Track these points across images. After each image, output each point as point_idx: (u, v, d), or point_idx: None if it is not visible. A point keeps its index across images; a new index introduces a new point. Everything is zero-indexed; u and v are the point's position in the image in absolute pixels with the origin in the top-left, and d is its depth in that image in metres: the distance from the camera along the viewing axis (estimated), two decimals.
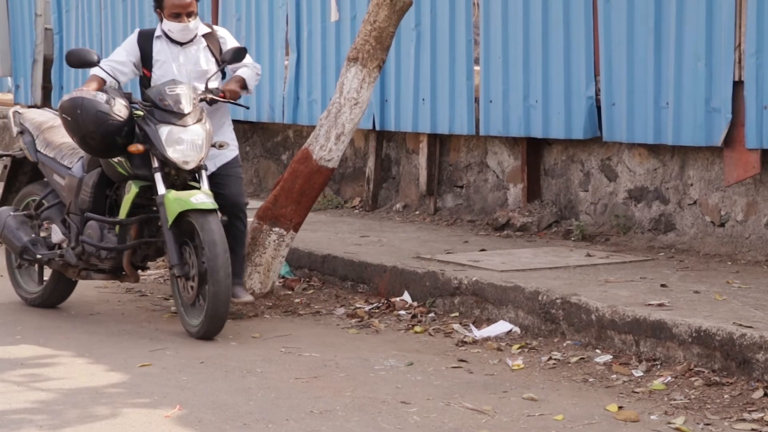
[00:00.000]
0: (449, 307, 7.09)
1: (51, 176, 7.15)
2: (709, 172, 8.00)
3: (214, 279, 6.31)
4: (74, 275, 7.07)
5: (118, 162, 6.72)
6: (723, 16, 7.60)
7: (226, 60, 6.96)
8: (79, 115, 6.54)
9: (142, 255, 6.90)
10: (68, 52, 6.89)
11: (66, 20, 13.79)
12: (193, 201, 6.44)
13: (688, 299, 6.38)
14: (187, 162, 6.59)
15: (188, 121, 6.62)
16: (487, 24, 9.13)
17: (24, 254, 7.15)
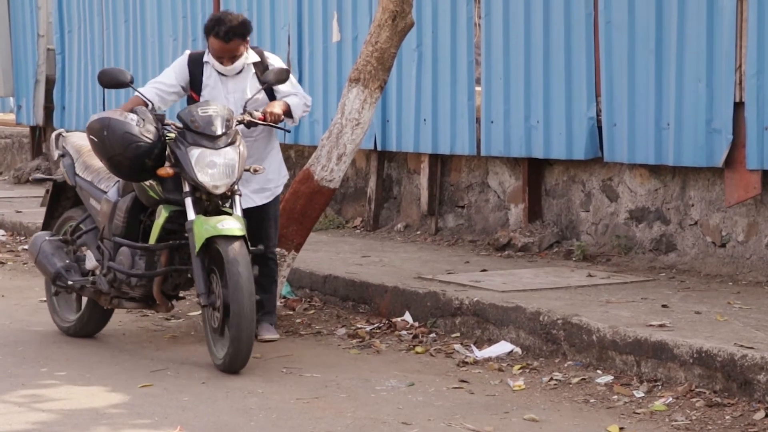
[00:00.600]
0: (450, 328, 7.09)
1: (88, 200, 6.95)
2: (710, 193, 8.01)
3: (238, 310, 6.03)
4: (106, 303, 6.81)
5: (149, 186, 6.47)
6: (724, 37, 7.62)
7: (268, 81, 6.71)
8: (106, 136, 6.32)
9: (173, 283, 6.61)
10: (101, 72, 6.69)
11: (68, 41, 13.84)
12: (220, 227, 6.16)
13: (689, 320, 6.38)
14: (218, 186, 6.30)
15: (220, 144, 6.32)
16: (489, 44, 9.15)
17: (57, 281, 6.91)
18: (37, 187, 14.27)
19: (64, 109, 13.92)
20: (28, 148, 15.19)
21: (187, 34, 12.07)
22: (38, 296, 8.36)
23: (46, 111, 14.32)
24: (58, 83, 13.99)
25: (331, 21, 10.35)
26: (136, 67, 12.81)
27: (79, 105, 13.70)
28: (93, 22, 13.42)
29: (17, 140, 15.53)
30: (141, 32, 12.74)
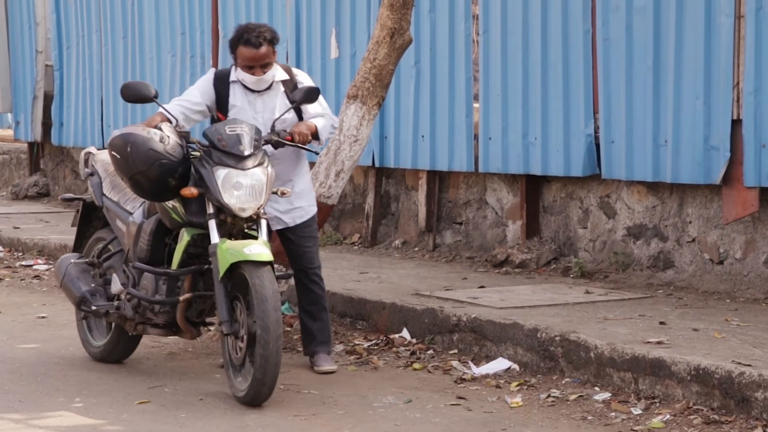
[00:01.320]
0: (448, 344, 7.08)
1: (114, 222, 6.69)
2: (708, 210, 8.01)
3: (263, 340, 5.72)
4: (131, 329, 6.52)
5: (172, 207, 6.18)
6: (721, 55, 7.63)
7: (297, 100, 6.38)
8: (129, 153, 6.01)
9: (198, 310, 6.31)
10: (124, 86, 6.34)
11: (67, 57, 13.85)
12: (246, 251, 5.85)
13: (687, 337, 6.37)
14: (244, 209, 6.01)
15: (248, 164, 6.03)
16: (487, 61, 9.17)
17: (81, 305, 6.66)
18: (35, 203, 14.28)
19: (62, 125, 13.92)
20: (25, 164, 15.20)
21: (186, 50, 12.09)
22: (35, 312, 8.36)
23: (44, 127, 14.32)
24: (56, 99, 14.00)
25: (330, 37, 10.36)
26: None
27: (77, 121, 13.71)
28: (91, 38, 13.44)
29: (15, 156, 15.54)
30: (139, 48, 12.75)
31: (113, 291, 6.58)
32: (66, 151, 14.40)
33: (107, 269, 6.76)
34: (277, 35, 6.47)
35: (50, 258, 10.77)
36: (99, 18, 13.27)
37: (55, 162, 14.67)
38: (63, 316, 8.21)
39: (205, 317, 6.37)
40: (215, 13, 11.69)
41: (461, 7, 9.35)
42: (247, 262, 5.85)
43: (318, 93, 6.41)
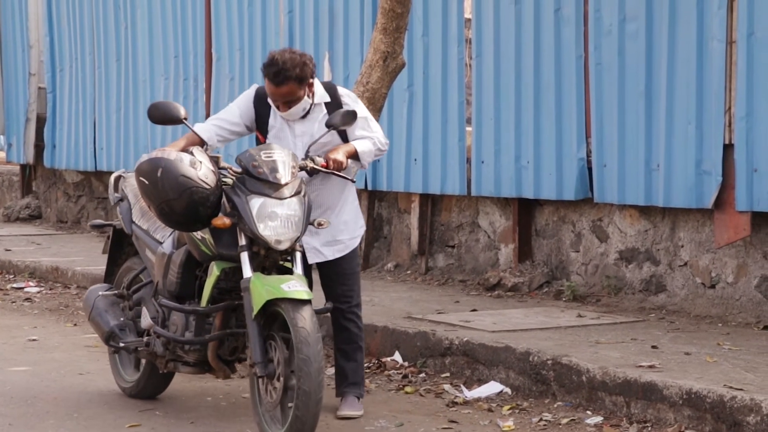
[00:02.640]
0: (440, 368, 7.07)
1: (144, 251, 6.29)
2: (700, 234, 8.02)
3: (306, 388, 5.30)
4: (162, 366, 6.15)
5: (201, 239, 5.77)
6: (713, 79, 7.66)
7: (333, 124, 5.91)
8: (159, 178, 5.57)
9: (230, 347, 5.89)
10: (152, 106, 5.93)
11: (60, 79, 13.86)
12: (284, 288, 5.42)
13: (679, 361, 6.37)
14: (280, 241, 5.59)
15: (285, 193, 5.60)
16: (479, 85, 9.19)
17: (110, 341, 6.33)
18: (27, 225, 14.27)
19: (55, 147, 13.92)
20: (18, 186, 15.18)
21: (179, 73, 12.10)
22: (26, 335, 8.33)
23: (36, 149, 14.32)
24: (48, 121, 14.01)
25: (323, 60, 10.38)
26: (128, 106, 12.84)
27: (70, 143, 13.71)
28: (84, 61, 13.45)
29: (7, 178, 15.52)
30: (132, 71, 12.76)
31: (143, 326, 6.16)
32: (58, 173, 14.39)
33: (137, 302, 6.38)
34: (307, 70, 5.91)
35: (41, 280, 10.75)
36: (92, 41, 13.29)
37: (48, 184, 14.66)
38: (54, 339, 8.19)
39: (239, 354, 5.92)
40: (208, 36, 11.71)
41: (454, 31, 9.38)
42: (284, 299, 5.42)
43: (355, 116, 5.95)
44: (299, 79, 5.89)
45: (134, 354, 6.38)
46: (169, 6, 12.18)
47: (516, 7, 8.88)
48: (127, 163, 12.67)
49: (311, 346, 5.32)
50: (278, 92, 5.90)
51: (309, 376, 5.29)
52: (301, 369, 5.31)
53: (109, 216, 13.38)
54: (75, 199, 14.18)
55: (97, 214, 13.76)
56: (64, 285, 10.54)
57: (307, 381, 5.30)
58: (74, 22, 13.56)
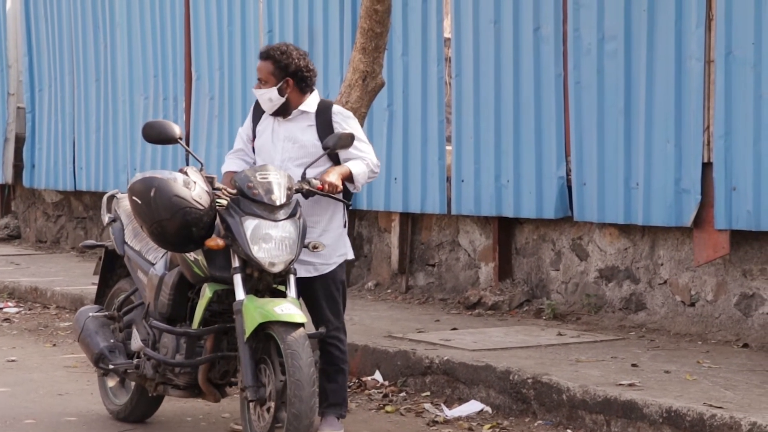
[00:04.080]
0: (420, 387, 7.06)
1: (135, 273, 6.22)
2: (679, 252, 8.04)
3: (297, 412, 5.28)
4: (152, 389, 6.08)
5: (194, 260, 5.71)
6: (692, 98, 7.70)
7: (329, 146, 5.85)
8: (152, 198, 5.52)
9: (221, 371, 5.83)
10: (147, 125, 5.88)
11: (39, 99, 13.83)
12: (277, 311, 5.39)
13: (658, 379, 6.38)
14: (274, 264, 5.53)
15: (279, 216, 5.56)
16: (459, 104, 9.21)
17: (99, 363, 6.24)
18: (6, 245, 14.20)
19: (34, 167, 13.88)
20: None
21: (158, 92, 12.09)
22: (5, 356, 8.29)
23: (15, 169, 14.27)
24: (27, 141, 13.97)
25: None
26: (107, 126, 12.82)
27: (49, 163, 13.68)
28: (64, 80, 13.42)
29: None
30: (112, 91, 12.74)
31: (133, 348, 6.10)
32: (37, 193, 14.35)
33: (128, 323, 6.29)
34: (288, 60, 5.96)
35: (20, 301, 10.70)
36: (72, 60, 13.28)
37: (27, 204, 14.61)
38: (33, 360, 8.15)
39: (229, 378, 5.87)
40: (188, 56, 11.71)
41: (434, 50, 9.41)
42: (277, 322, 5.39)
43: (352, 139, 5.90)
44: (277, 62, 5.95)
45: (124, 376, 6.31)
46: (148, 25, 12.18)
47: (495, 26, 8.91)
48: (106, 183, 12.64)
49: (303, 370, 5.30)
50: (259, 66, 6.02)
51: (300, 399, 5.27)
52: (293, 392, 5.28)
53: (89, 236, 13.34)
54: (54, 219, 14.13)
55: (76, 233, 13.71)
56: (44, 305, 10.49)
57: (298, 404, 5.27)
58: (53, 42, 13.54)
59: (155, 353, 5.91)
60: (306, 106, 6.04)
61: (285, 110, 6.03)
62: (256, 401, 5.44)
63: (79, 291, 10.09)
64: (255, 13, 10.93)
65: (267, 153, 6.03)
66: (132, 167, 12.36)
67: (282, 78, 5.98)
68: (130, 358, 6.22)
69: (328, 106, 6.11)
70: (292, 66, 5.97)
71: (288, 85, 5.99)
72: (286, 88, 5.99)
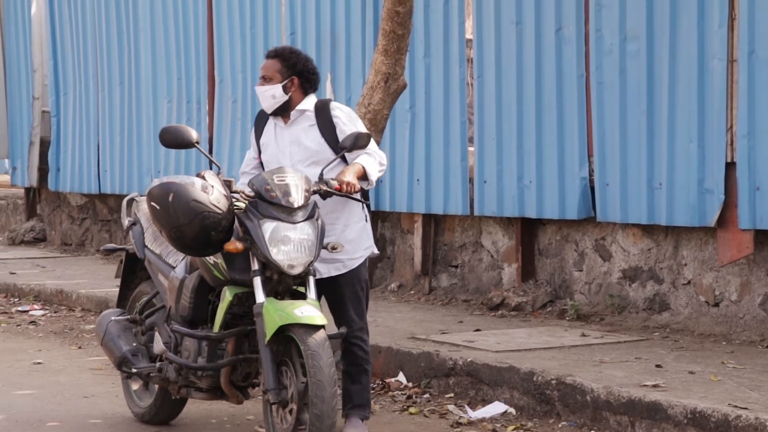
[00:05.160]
0: (444, 388, 7.07)
1: (156, 276, 6.25)
2: (703, 252, 8.03)
3: (318, 413, 5.30)
4: (175, 392, 6.10)
5: (213, 263, 5.72)
6: (714, 98, 7.68)
7: (347, 146, 5.83)
8: (171, 203, 5.54)
9: (244, 373, 5.84)
10: (163, 130, 5.89)
11: (63, 103, 13.90)
12: (297, 314, 5.40)
13: (683, 380, 6.37)
14: (293, 266, 5.54)
15: (298, 217, 5.56)
16: (481, 105, 9.21)
17: (122, 366, 6.27)
18: (31, 248, 14.27)
19: (59, 170, 13.95)
20: (22, 210, 15.21)
21: (182, 95, 12.14)
22: (31, 359, 8.34)
23: (40, 172, 14.35)
24: (52, 145, 14.04)
25: (325, 82, 10.41)
26: (131, 129, 12.88)
27: (74, 166, 13.74)
28: (88, 84, 13.49)
29: (12, 202, 15.55)
30: (136, 94, 12.80)
31: (155, 351, 6.17)
32: (62, 196, 14.42)
33: (150, 326, 6.32)
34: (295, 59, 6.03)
35: (46, 303, 10.76)
36: (96, 64, 13.34)
37: (52, 207, 14.69)
38: (59, 362, 8.20)
39: (252, 380, 5.88)
40: (211, 59, 11.75)
41: (455, 51, 9.41)
42: (297, 324, 5.41)
43: (369, 138, 5.89)
44: (285, 60, 6.00)
45: (147, 380, 6.31)
46: (171, 29, 12.23)
47: (517, 27, 8.91)
48: (130, 186, 12.70)
49: (324, 371, 5.32)
50: (264, 64, 6.05)
51: (322, 400, 5.29)
52: (314, 393, 5.30)
53: (113, 239, 13.40)
54: (79, 222, 14.20)
55: (101, 236, 13.78)
56: (69, 308, 10.55)
57: (320, 405, 5.29)
58: (78, 46, 13.61)
59: (177, 357, 5.93)
60: (304, 105, 6.05)
61: (285, 110, 6.05)
62: (279, 403, 5.46)
63: (104, 293, 10.14)
64: (277, 16, 10.96)
65: (276, 162, 6.02)
66: (156, 170, 12.41)
67: (288, 76, 6.02)
68: (152, 360, 6.24)
69: (325, 103, 6.09)
70: (299, 65, 6.03)
71: (293, 84, 6.03)
72: (291, 86, 6.03)
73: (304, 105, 6.05)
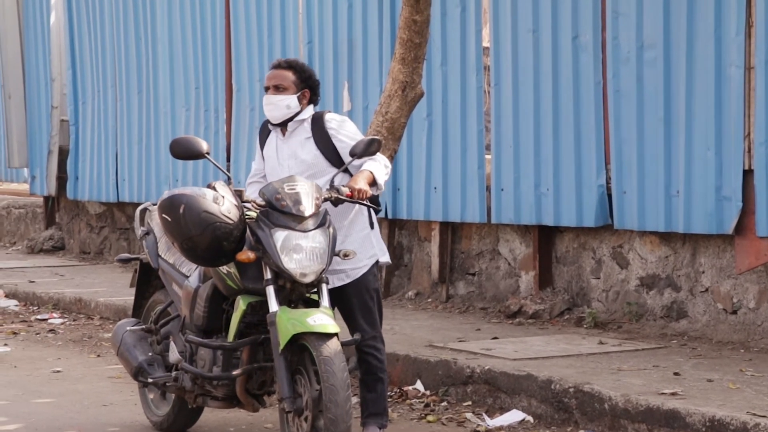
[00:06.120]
0: (462, 396, 7.07)
1: (170, 285, 6.30)
2: (721, 260, 8.01)
3: (332, 419, 5.35)
4: (191, 401, 6.15)
5: (227, 273, 5.76)
6: (732, 105, 7.67)
7: (357, 153, 5.83)
8: (182, 215, 5.56)
9: (259, 381, 5.87)
10: (174, 142, 5.91)
11: (82, 112, 13.95)
12: (310, 322, 5.43)
13: (701, 388, 6.36)
14: (305, 274, 5.57)
15: (309, 226, 5.58)
16: (498, 112, 9.22)
17: (139, 376, 6.31)
18: (50, 256, 14.33)
19: (77, 179, 14.00)
20: (41, 218, 15.27)
21: (200, 104, 12.18)
22: (50, 367, 8.37)
23: (59, 181, 14.40)
24: (71, 154, 14.09)
25: (342, 90, 10.44)
26: (149, 138, 12.92)
27: (92, 175, 13.79)
28: (107, 93, 13.54)
29: (30, 210, 15.61)
30: (154, 103, 12.84)
31: (171, 360, 6.21)
32: (81, 204, 14.47)
33: (165, 336, 6.37)
34: (307, 70, 6.12)
35: (65, 312, 10.80)
36: (114, 73, 13.39)
37: (71, 216, 14.74)
38: (78, 371, 8.23)
39: (267, 388, 5.91)
40: (229, 67, 11.78)
41: (472, 59, 9.42)
42: (310, 333, 5.44)
43: (380, 145, 5.91)
44: (299, 72, 6.05)
45: (163, 389, 6.36)
46: (189, 38, 12.27)
47: (534, 35, 8.92)
48: (149, 194, 12.73)
49: (337, 376, 5.36)
50: (273, 74, 6.04)
51: (336, 404, 5.33)
52: (328, 398, 5.35)
53: (132, 247, 13.44)
54: (98, 230, 14.25)
55: (119, 245, 13.82)
56: (88, 316, 10.59)
57: (334, 409, 5.33)
58: (96, 55, 13.66)
59: (192, 367, 5.97)
60: (302, 116, 6.07)
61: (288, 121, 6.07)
62: (294, 412, 5.48)
63: (123, 302, 10.17)
64: (294, 25, 10.98)
65: (276, 175, 6.03)
66: (174, 178, 12.45)
67: (301, 88, 6.06)
68: (168, 369, 6.28)
69: (320, 115, 6.12)
70: (311, 79, 6.12)
71: (304, 96, 6.08)
72: (303, 98, 6.07)
73: (302, 115, 6.08)
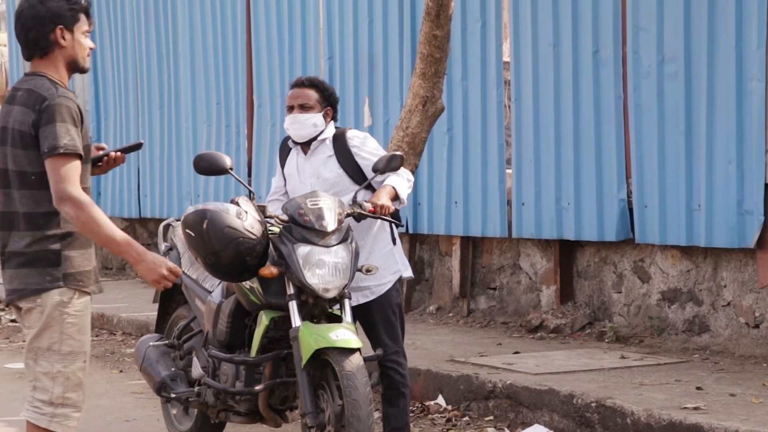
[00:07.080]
0: (484, 411, 7.07)
1: (193, 301, 6.33)
2: (743, 274, 7.99)
3: (354, 418, 5.34)
4: (214, 417, 6.15)
5: (249, 288, 5.78)
6: (753, 119, 7.66)
7: (379, 169, 5.85)
8: (205, 230, 5.56)
9: (281, 396, 5.88)
10: (198, 157, 5.93)
11: (104, 128, 14.03)
12: (332, 337, 5.44)
13: (724, 402, 6.34)
14: (328, 289, 5.58)
15: (331, 241, 5.60)
16: (519, 127, 9.23)
17: (162, 391, 6.33)
18: None
19: (100, 194, 14.07)
20: None
21: (221, 120, 12.23)
22: None
23: None
24: None
25: (363, 106, 10.46)
26: (171, 153, 12.97)
27: (114, 191, 13.86)
28: (128, 109, 13.61)
29: None
30: (175, 118, 12.90)
31: (194, 375, 6.21)
32: None
33: (188, 351, 6.40)
34: (328, 88, 6.15)
35: None
36: (136, 89, 13.46)
37: None
38: (100, 386, 8.25)
39: (290, 403, 5.92)
40: (250, 83, 11.83)
41: (493, 74, 9.44)
42: (333, 348, 5.44)
43: (402, 161, 5.92)
44: (322, 91, 6.07)
45: (185, 404, 6.38)
46: (210, 54, 12.33)
47: (554, 49, 8.93)
48: (170, 210, 12.78)
49: (359, 390, 5.35)
50: (296, 93, 6.04)
51: (359, 419, 5.33)
52: (350, 413, 5.34)
53: None
54: None
55: None
56: (110, 332, 10.62)
57: (356, 424, 5.33)
58: (118, 72, 13.74)
59: (215, 382, 5.98)
60: (324, 134, 6.09)
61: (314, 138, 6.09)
62: (316, 427, 5.48)
63: (145, 317, 10.20)
64: (315, 40, 11.03)
65: (298, 194, 5.99)
66: (195, 194, 12.49)
67: (324, 107, 6.08)
68: (191, 385, 6.29)
69: (342, 132, 6.12)
70: (333, 97, 6.13)
71: (327, 115, 6.10)
72: (326, 116, 6.09)
73: (325, 134, 6.09)
